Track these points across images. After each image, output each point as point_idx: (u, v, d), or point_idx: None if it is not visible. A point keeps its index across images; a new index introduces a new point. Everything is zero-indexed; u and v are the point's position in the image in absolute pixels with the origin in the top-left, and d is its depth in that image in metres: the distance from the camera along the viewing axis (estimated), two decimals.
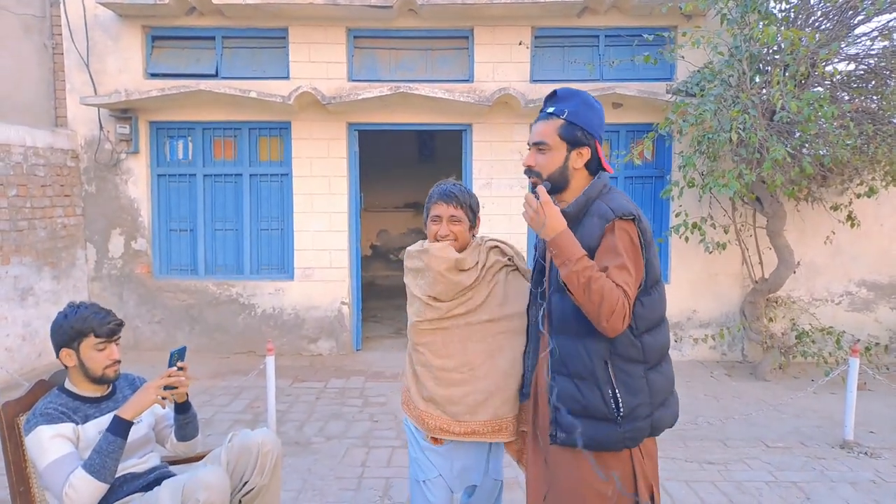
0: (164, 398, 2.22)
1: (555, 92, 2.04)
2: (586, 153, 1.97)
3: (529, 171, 2.01)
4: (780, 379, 5.95)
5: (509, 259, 2.35)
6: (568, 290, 1.83)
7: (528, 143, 2.05)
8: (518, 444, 2.35)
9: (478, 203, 2.35)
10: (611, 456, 1.93)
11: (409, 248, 2.38)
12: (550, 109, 1.99)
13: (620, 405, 1.87)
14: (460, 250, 2.26)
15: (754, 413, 4.89)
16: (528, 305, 2.25)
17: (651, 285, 1.92)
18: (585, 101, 1.99)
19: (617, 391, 1.88)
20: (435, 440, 2.31)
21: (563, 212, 1.91)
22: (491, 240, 2.38)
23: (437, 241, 2.25)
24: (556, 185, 1.98)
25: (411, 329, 2.34)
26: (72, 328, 2.23)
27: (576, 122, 1.95)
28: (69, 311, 2.28)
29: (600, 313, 1.77)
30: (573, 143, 1.96)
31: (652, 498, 1.94)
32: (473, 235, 2.34)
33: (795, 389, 5.44)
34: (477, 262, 2.26)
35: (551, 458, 2.01)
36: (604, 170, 2.01)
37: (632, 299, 1.81)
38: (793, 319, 6.49)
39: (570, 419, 1.91)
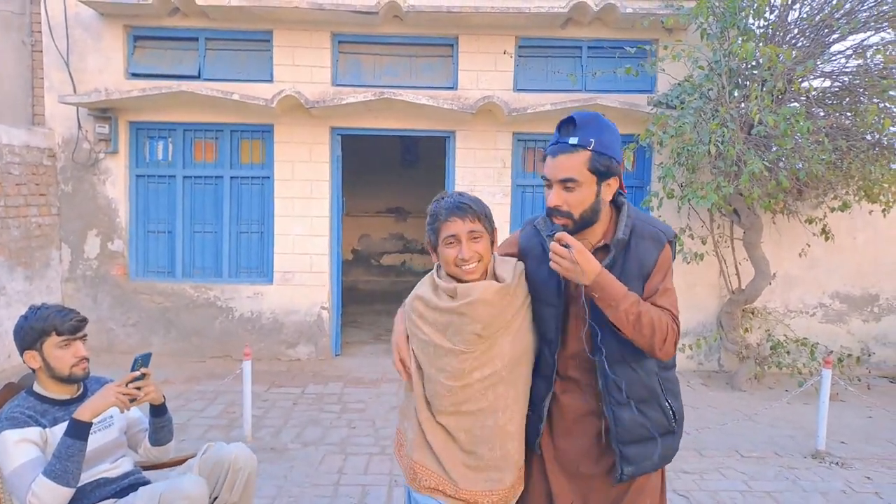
0: (123, 403, 2.15)
1: (572, 119, 1.79)
2: (615, 183, 1.83)
3: (557, 211, 1.79)
4: (756, 389, 6.03)
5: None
6: (617, 328, 1.77)
7: (549, 179, 1.81)
8: None
9: (490, 210, 1.95)
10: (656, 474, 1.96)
11: (422, 300, 1.88)
12: (574, 140, 1.75)
13: (675, 413, 1.92)
14: (483, 272, 1.88)
15: (730, 423, 4.94)
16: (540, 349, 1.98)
17: None
18: (607, 126, 1.81)
19: (669, 401, 1.91)
20: None
21: (618, 239, 1.84)
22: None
23: (458, 266, 1.84)
24: (587, 222, 1.82)
25: (447, 393, 1.84)
26: (32, 328, 2.19)
27: (605, 151, 1.77)
28: (30, 312, 2.24)
29: (654, 344, 1.76)
30: (604, 175, 1.79)
31: None
32: (493, 253, 1.94)
33: (770, 399, 5.51)
34: (514, 281, 1.88)
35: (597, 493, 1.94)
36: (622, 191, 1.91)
37: (678, 319, 1.82)
38: (768, 330, 6.58)
39: (638, 448, 1.86)
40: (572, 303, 1.88)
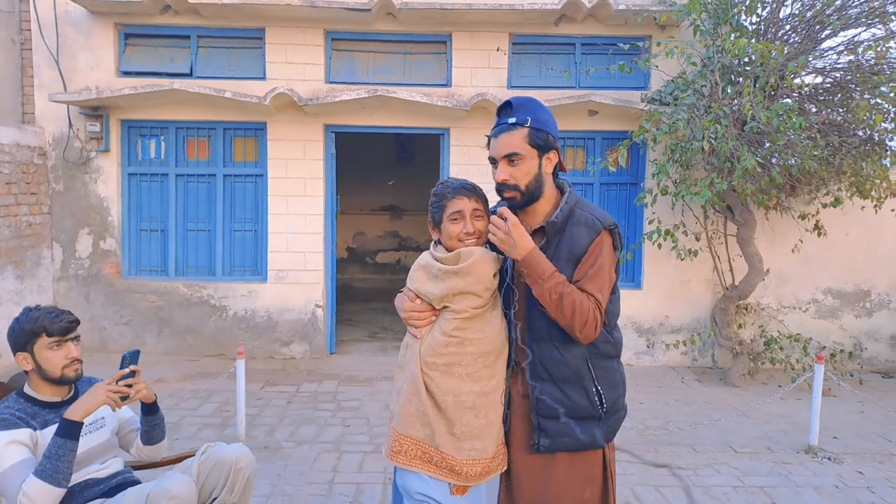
0: (114, 401, 2.14)
1: (509, 102, 1.98)
2: (554, 157, 2.00)
3: (505, 185, 1.95)
4: (750, 385, 6.05)
5: None
6: (541, 305, 1.89)
7: (495, 157, 1.98)
8: None
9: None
10: (590, 455, 2.01)
11: (424, 268, 2.01)
12: (512, 120, 1.94)
13: (604, 401, 1.97)
14: None
15: (723, 418, 4.96)
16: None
17: (615, 284, 2.04)
18: (542, 107, 1.99)
19: (599, 388, 1.97)
20: (460, 489, 1.96)
21: (550, 221, 1.95)
22: None
23: (460, 241, 1.96)
24: (533, 195, 1.97)
25: (443, 350, 1.94)
26: (23, 330, 2.19)
27: (541, 127, 1.94)
28: (22, 314, 2.24)
29: (573, 325, 1.86)
30: (543, 149, 1.96)
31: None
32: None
33: (763, 395, 5.53)
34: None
35: (531, 470, 2.01)
36: (562, 170, 2.07)
37: (604, 306, 1.91)
38: (762, 326, 6.61)
39: (556, 423, 1.95)
40: (517, 287, 2.02)
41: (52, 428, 2.14)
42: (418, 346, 1.99)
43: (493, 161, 2.00)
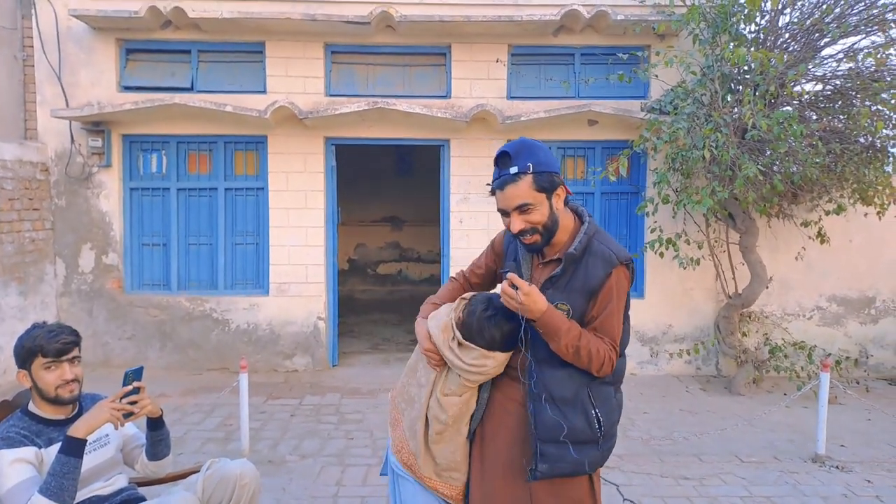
0: (117, 419, 2.13)
1: (506, 152, 1.97)
2: (562, 192, 2.01)
3: (523, 233, 1.97)
4: (754, 393, 6.02)
5: None
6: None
7: (505, 209, 1.99)
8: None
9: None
10: (577, 480, 2.02)
11: (454, 345, 2.13)
12: (514, 169, 1.94)
13: (602, 425, 1.97)
14: None
15: (729, 428, 4.93)
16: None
17: (626, 314, 2.05)
18: (538, 147, 1.99)
19: (598, 412, 1.97)
20: None
21: (568, 253, 1.96)
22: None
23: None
24: (552, 232, 2.00)
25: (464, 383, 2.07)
26: (23, 348, 2.19)
27: (544, 169, 1.94)
28: (26, 331, 2.24)
29: (590, 369, 1.93)
30: (550, 190, 1.96)
31: None
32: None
33: (769, 404, 5.50)
34: None
35: (513, 497, 2.02)
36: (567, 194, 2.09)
37: (618, 344, 1.96)
38: (766, 334, 6.58)
39: (555, 447, 1.94)
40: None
41: (57, 446, 2.13)
42: (433, 379, 2.13)
43: (504, 212, 2.01)
